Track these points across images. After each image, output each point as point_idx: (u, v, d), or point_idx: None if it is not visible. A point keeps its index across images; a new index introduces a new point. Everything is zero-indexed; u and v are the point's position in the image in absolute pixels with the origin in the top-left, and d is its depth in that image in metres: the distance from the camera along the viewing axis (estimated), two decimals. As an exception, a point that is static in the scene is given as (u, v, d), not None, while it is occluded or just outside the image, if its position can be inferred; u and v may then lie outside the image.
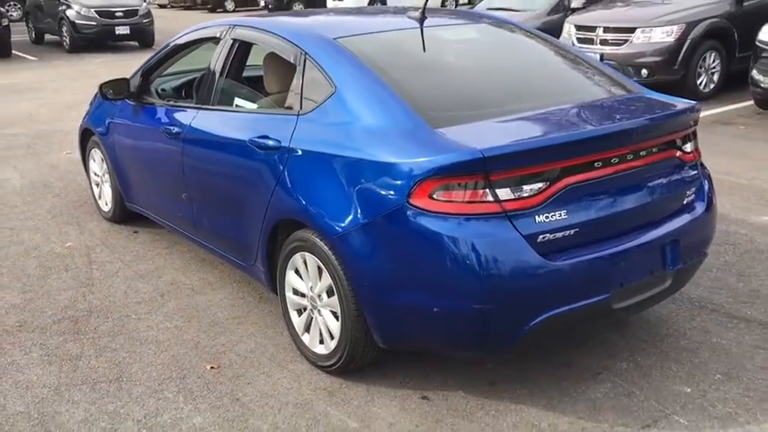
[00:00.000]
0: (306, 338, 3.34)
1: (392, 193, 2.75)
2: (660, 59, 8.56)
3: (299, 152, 3.16)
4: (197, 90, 4.18)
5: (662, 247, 3.03)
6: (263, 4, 26.47)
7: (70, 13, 15.79)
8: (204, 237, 4.06)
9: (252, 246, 3.55)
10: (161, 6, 32.04)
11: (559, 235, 2.73)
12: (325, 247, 3.02)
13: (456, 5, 23.90)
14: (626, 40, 8.77)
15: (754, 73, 7.74)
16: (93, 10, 15.77)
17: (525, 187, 2.68)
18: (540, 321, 2.72)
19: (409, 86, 3.09)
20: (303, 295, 3.31)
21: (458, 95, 3.20)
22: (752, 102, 8.26)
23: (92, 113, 5.25)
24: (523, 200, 2.68)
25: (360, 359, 3.12)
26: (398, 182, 2.73)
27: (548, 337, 2.94)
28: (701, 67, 8.78)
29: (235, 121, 3.70)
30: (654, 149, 3.00)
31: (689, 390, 3.09)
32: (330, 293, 3.10)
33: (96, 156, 5.24)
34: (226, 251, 3.89)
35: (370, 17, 4.25)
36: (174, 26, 17.12)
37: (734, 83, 9.02)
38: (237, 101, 3.83)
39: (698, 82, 8.81)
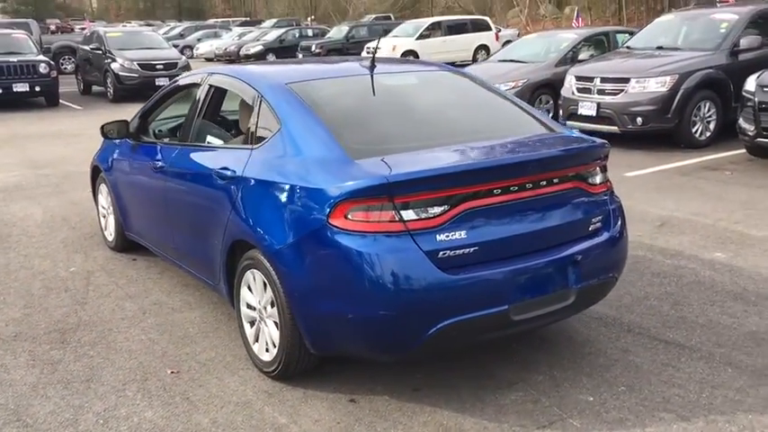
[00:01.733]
0: (255, 347, 3.75)
1: (315, 214, 3.18)
2: (654, 108, 8.89)
3: (250, 181, 3.63)
4: (181, 130, 4.70)
5: (563, 267, 3.38)
6: (300, 57, 27.52)
7: (114, 65, 16.83)
8: (183, 260, 4.53)
9: (216, 266, 3.99)
10: (208, 60, 33.43)
11: (459, 252, 3.12)
12: (267, 263, 3.45)
13: (487, 56, 24.53)
14: (621, 90, 9.14)
15: (741, 121, 8.02)
16: (135, 63, 16.79)
17: (427, 209, 3.08)
18: (440, 328, 3.10)
19: (341, 124, 3.55)
20: (254, 308, 3.72)
21: (382, 132, 3.65)
22: (744, 149, 8.51)
23: (100, 152, 5.83)
24: (425, 220, 3.08)
25: (296, 365, 3.51)
26: (320, 204, 3.16)
27: (451, 342, 3.29)
28: (695, 116, 9.08)
29: (205, 155, 4.20)
30: (555, 180, 3.38)
31: (591, 399, 3.40)
32: (273, 305, 3.52)
33: (103, 190, 5.80)
34: (199, 272, 4.35)
35: (327, 65, 4.75)
36: (210, 78, 17.93)
37: (733, 131, 9.25)
38: (209, 138, 4.33)
39: (693, 130, 9.10)
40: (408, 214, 3.06)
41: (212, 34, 37.91)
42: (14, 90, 15.63)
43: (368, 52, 24.81)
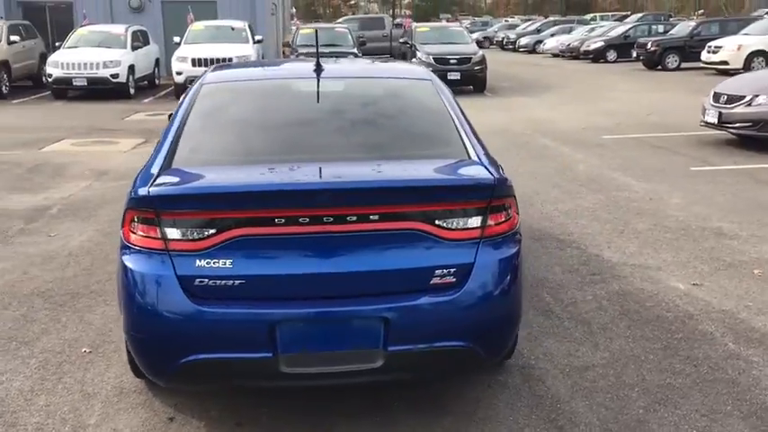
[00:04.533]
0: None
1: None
2: None
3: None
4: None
5: (366, 323, 2.80)
6: (634, 54, 25.66)
7: (414, 59, 17.64)
8: None
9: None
10: (554, 56, 32.63)
11: (220, 283, 2.78)
12: None
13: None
14: None
15: None
16: (431, 56, 17.39)
17: (192, 230, 2.80)
18: (190, 361, 2.81)
19: (201, 131, 3.41)
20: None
21: (233, 142, 3.38)
22: None
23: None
24: (188, 242, 2.81)
25: (136, 368, 3.46)
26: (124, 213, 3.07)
27: (209, 379, 2.94)
28: None
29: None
30: (373, 217, 2.78)
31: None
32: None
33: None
34: None
35: (280, 67, 4.52)
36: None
37: None
38: None
39: None
40: (173, 233, 2.82)
41: (567, 29, 37.18)
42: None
43: (708, 51, 22.20)
